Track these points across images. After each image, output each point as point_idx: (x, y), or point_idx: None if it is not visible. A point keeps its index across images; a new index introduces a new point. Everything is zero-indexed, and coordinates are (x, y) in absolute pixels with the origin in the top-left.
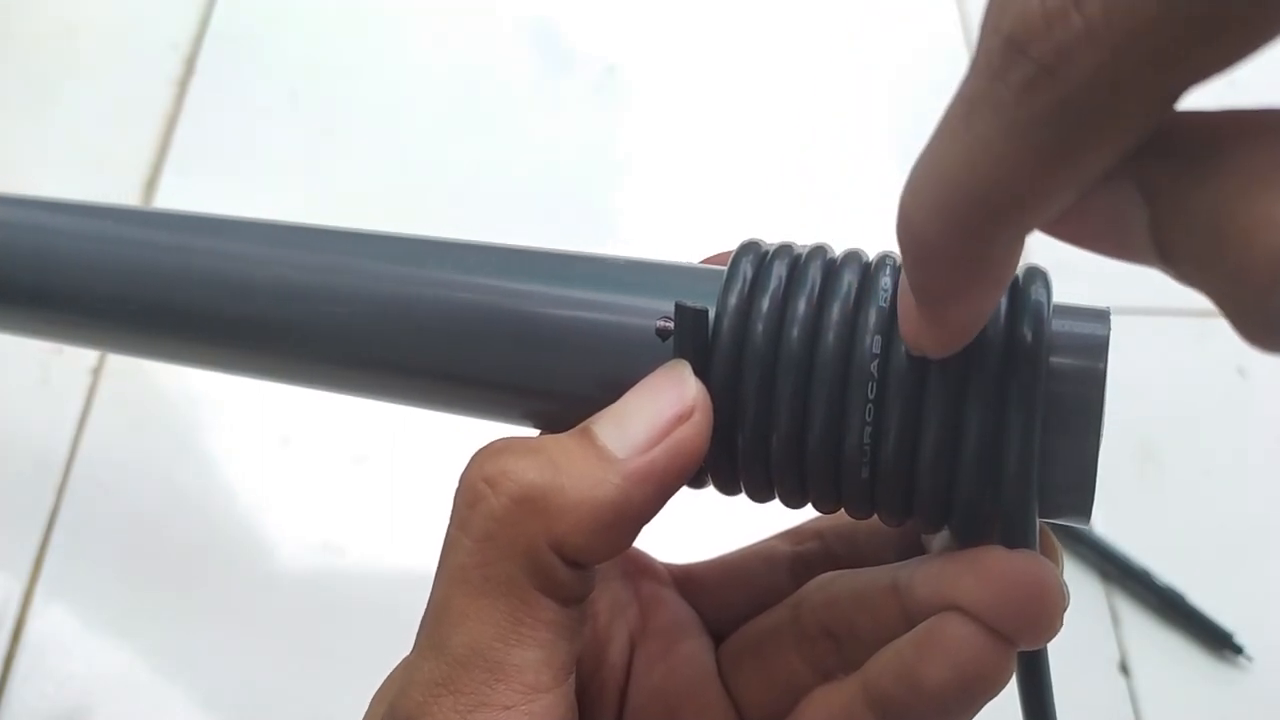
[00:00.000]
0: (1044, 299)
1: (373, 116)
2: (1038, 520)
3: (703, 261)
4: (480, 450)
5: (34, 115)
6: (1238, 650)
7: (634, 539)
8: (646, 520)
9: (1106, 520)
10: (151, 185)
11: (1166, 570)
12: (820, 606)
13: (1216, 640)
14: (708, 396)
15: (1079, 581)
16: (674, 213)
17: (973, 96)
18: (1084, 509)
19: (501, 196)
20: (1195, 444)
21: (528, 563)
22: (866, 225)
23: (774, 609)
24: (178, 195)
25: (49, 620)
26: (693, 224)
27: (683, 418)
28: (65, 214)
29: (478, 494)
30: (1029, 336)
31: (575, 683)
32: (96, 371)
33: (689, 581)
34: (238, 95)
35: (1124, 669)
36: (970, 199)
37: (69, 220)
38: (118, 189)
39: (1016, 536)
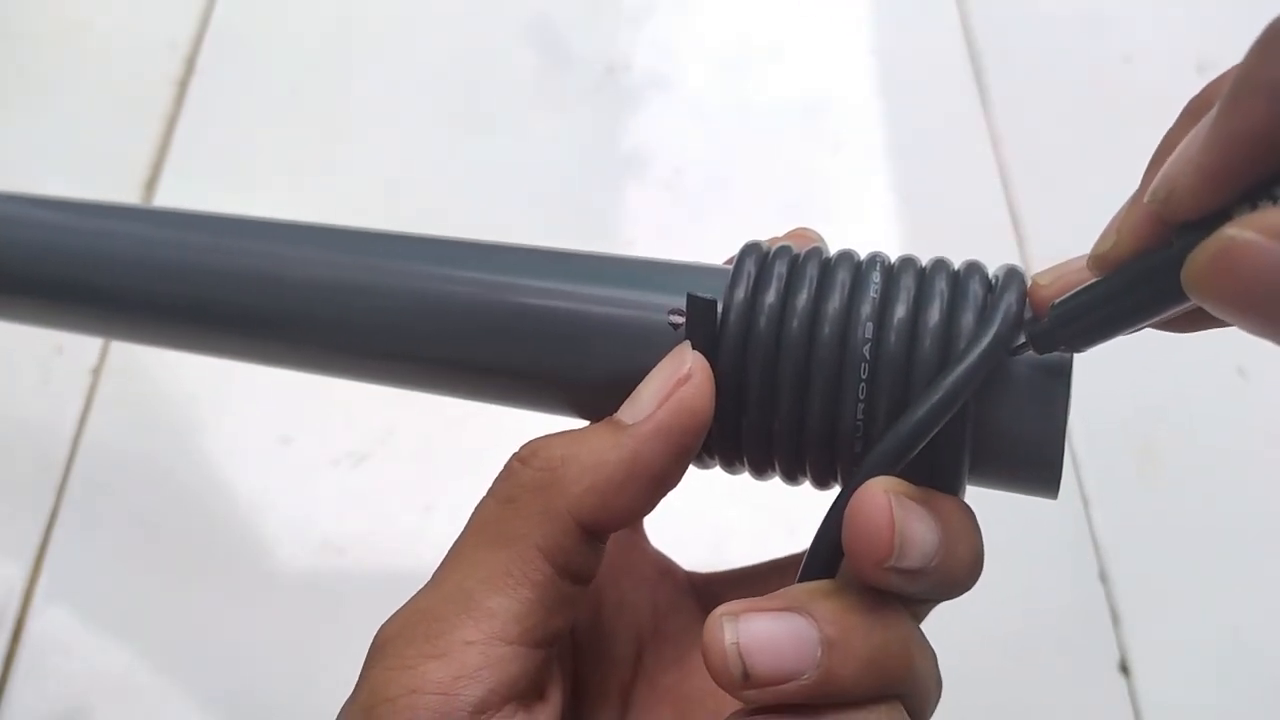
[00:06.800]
0: (1015, 303)
1: (373, 116)
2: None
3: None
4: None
5: (34, 115)
6: None
7: (648, 501)
8: (659, 479)
9: (1107, 519)
10: (151, 185)
11: (1166, 568)
12: None
13: None
14: (705, 362)
15: (1079, 581)
16: (674, 212)
17: None
18: (1051, 484)
19: (501, 196)
20: (1195, 444)
21: (542, 523)
22: (864, 222)
23: None
24: (177, 195)
25: (49, 620)
26: (692, 223)
27: (682, 380)
28: (109, 217)
29: (511, 470)
30: (993, 327)
31: (574, 680)
32: (96, 371)
33: (708, 589)
34: (238, 95)
35: (1124, 669)
36: None
37: (109, 222)
38: (118, 189)
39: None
